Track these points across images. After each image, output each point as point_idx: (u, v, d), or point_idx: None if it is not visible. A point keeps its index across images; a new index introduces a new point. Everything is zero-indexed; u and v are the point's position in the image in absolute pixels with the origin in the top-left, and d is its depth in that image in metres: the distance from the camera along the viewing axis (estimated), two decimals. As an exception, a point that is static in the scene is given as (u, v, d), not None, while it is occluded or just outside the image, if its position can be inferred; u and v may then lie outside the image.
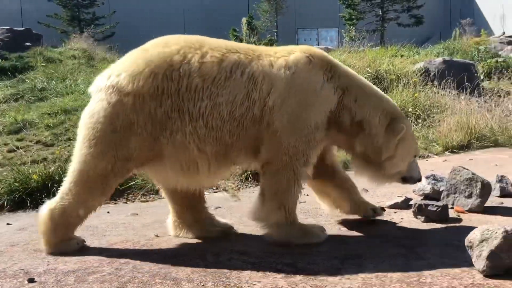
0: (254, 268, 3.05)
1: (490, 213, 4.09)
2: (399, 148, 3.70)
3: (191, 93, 3.36)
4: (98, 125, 3.35)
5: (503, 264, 2.76)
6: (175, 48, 3.45)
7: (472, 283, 2.70)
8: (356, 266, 3.02)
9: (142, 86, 3.33)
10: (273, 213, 3.52)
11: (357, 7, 30.34)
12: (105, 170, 3.38)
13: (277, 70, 3.49)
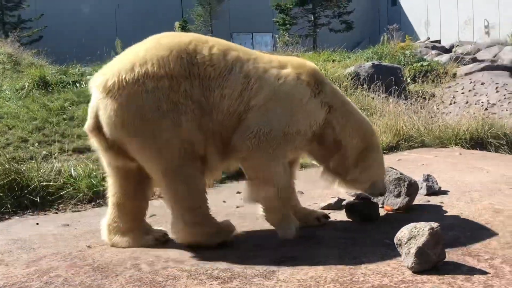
0: (190, 276, 3.01)
1: (418, 211, 4.27)
2: (363, 174, 3.92)
3: (207, 81, 3.47)
4: (147, 116, 3.34)
5: (430, 260, 2.88)
6: (187, 39, 3.57)
7: (401, 279, 2.79)
8: (291, 268, 3.05)
9: (173, 68, 3.39)
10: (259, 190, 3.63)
11: (290, 12, 30.86)
12: (182, 155, 3.38)
13: (268, 77, 3.61)
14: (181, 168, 3.42)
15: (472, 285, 2.66)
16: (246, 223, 4.22)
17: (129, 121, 3.37)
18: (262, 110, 3.55)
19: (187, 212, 3.48)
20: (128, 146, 3.46)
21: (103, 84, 3.41)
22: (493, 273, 2.82)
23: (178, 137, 3.39)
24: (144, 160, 3.51)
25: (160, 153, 3.41)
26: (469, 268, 2.91)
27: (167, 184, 3.48)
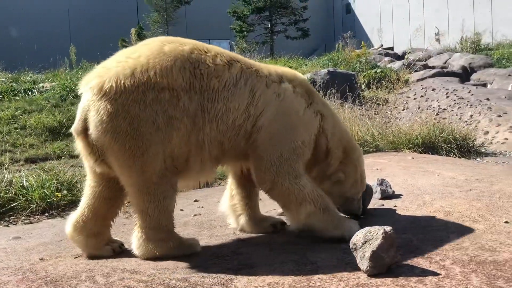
0: (147, 286, 2.97)
1: (373, 215, 4.35)
2: (336, 188, 3.99)
3: (210, 93, 3.43)
4: (142, 129, 3.25)
5: (384, 263, 2.94)
6: (189, 48, 3.48)
7: (357, 283, 2.84)
8: (249, 276, 3.05)
9: (175, 80, 3.32)
10: (299, 212, 3.64)
11: (247, 19, 31.04)
12: (163, 169, 3.36)
13: (271, 93, 3.66)
14: (157, 186, 3.37)
15: (424, 286, 2.74)
16: (203, 232, 4.20)
17: (121, 129, 3.24)
18: (268, 135, 3.59)
19: (153, 229, 3.44)
20: (110, 154, 3.33)
21: (99, 86, 3.26)
22: (444, 274, 2.91)
23: (163, 152, 3.34)
24: (123, 171, 3.38)
25: (143, 167, 3.32)
26: (422, 270, 3.00)
27: (139, 200, 3.41)
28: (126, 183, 3.44)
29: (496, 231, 3.71)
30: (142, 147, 3.27)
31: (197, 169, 3.56)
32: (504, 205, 4.47)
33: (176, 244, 3.52)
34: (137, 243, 3.50)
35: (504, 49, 19.43)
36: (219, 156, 3.64)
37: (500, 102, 12.34)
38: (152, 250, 3.46)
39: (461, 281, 2.79)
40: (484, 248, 3.35)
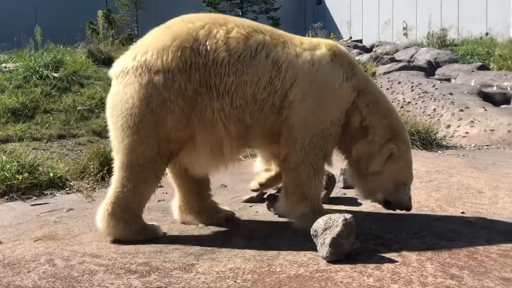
0: (108, 270, 2.95)
1: (335, 203, 4.42)
2: (388, 167, 3.68)
3: (217, 68, 3.35)
4: (135, 110, 3.30)
5: (343, 249, 3.01)
6: (200, 24, 3.44)
7: (316, 269, 2.90)
8: (210, 261, 3.07)
9: (171, 61, 3.31)
10: (298, 207, 3.60)
11: (218, 6, 30.80)
12: (153, 155, 3.35)
13: (302, 63, 3.50)
14: (141, 169, 3.38)
15: (381, 273, 2.81)
16: (166, 217, 4.19)
17: (117, 107, 3.37)
18: (303, 112, 3.47)
19: (121, 208, 3.43)
20: (110, 129, 3.50)
21: (114, 71, 3.50)
22: (401, 261, 2.99)
23: (157, 135, 3.34)
24: (114, 145, 3.48)
25: (132, 147, 3.35)
26: (380, 257, 3.07)
27: (119, 176, 3.43)
28: (114, 156, 3.50)
29: (453, 221, 3.83)
30: (133, 127, 3.32)
31: (209, 149, 3.48)
32: (461, 196, 4.61)
33: (138, 228, 3.50)
34: (101, 215, 3.48)
35: (469, 45, 19.86)
36: (243, 135, 3.53)
37: (463, 97, 12.64)
38: (113, 228, 3.44)
39: (416, 268, 2.87)
40: (441, 237, 3.45)
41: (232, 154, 3.62)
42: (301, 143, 3.52)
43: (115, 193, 3.44)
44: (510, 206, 4.29)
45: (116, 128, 3.40)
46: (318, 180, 3.63)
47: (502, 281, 2.66)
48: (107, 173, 5.85)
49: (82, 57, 10.65)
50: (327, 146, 3.61)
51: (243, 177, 5.92)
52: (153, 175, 3.43)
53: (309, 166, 3.56)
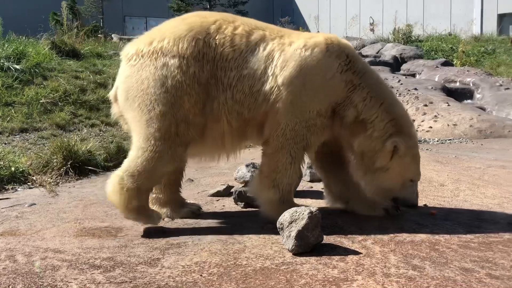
0: (71, 265, 2.90)
1: (301, 197, 4.46)
2: (395, 163, 3.62)
3: (223, 62, 3.50)
4: (150, 89, 3.43)
5: (309, 242, 3.03)
6: (212, 19, 3.61)
7: (282, 262, 2.91)
8: (176, 255, 3.05)
9: (186, 49, 3.46)
10: (267, 191, 3.60)
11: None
12: (170, 132, 3.42)
13: (294, 49, 3.52)
14: (157, 142, 3.42)
15: (346, 264, 2.85)
16: (132, 211, 4.14)
17: (132, 88, 3.48)
18: (289, 96, 3.46)
19: (129, 176, 3.43)
20: (126, 112, 3.58)
21: (125, 54, 3.63)
22: (365, 253, 3.04)
23: (174, 115, 3.43)
24: (133, 126, 3.54)
25: (148, 121, 3.43)
26: (344, 249, 3.12)
27: (135, 147, 3.49)
28: (133, 135, 3.55)
29: (415, 213, 3.91)
30: (149, 105, 3.42)
31: (214, 141, 3.60)
32: (424, 189, 4.71)
33: (136, 206, 3.49)
34: (112, 179, 3.51)
35: (433, 41, 20.26)
36: (243, 129, 3.59)
37: (427, 92, 12.90)
38: (116, 194, 3.46)
39: (380, 259, 2.92)
40: (403, 229, 3.52)
41: (233, 146, 3.75)
42: (283, 128, 3.52)
43: (129, 162, 3.50)
44: (471, 199, 4.41)
45: (133, 109, 3.49)
46: (294, 169, 3.63)
47: (462, 271, 2.73)
48: (71, 167, 5.76)
49: (45, 49, 10.37)
50: (310, 137, 3.59)
51: (210, 171, 5.91)
52: (169, 154, 3.46)
53: (287, 154, 3.57)
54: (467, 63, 16.48)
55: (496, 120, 10.83)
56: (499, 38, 20.60)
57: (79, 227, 3.73)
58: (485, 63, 16.21)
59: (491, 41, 19.19)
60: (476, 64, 16.36)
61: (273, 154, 3.58)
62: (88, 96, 8.83)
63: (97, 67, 10.40)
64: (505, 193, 4.56)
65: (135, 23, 35.16)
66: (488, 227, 3.56)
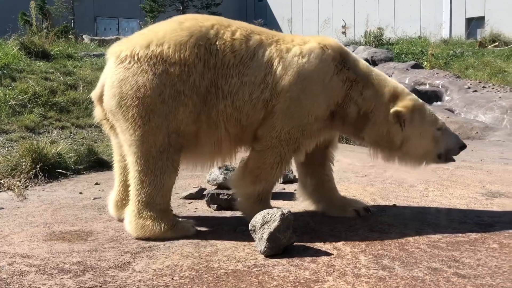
0: (39, 271, 2.85)
1: (274, 198, 4.44)
2: (409, 129, 3.61)
3: (224, 69, 3.42)
4: (147, 99, 3.28)
5: (280, 244, 3.05)
6: (209, 24, 3.50)
7: (254, 264, 2.92)
8: (147, 258, 3.03)
9: (188, 56, 3.34)
10: (247, 185, 3.59)
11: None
12: (165, 144, 3.33)
13: (291, 57, 3.49)
14: (155, 160, 3.34)
15: (317, 265, 2.87)
16: (102, 215, 4.10)
17: (127, 95, 3.31)
18: (287, 101, 3.46)
19: (146, 205, 3.37)
20: (116, 119, 3.42)
21: (116, 54, 3.42)
22: (336, 254, 3.07)
23: (168, 126, 3.32)
24: (125, 139, 3.40)
25: (143, 137, 3.32)
26: (316, 250, 3.14)
27: (135, 171, 3.38)
28: (127, 152, 3.44)
29: (385, 214, 3.97)
30: (144, 117, 3.29)
31: (210, 148, 3.53)
32: (394, 190, 4.79)
33: (169, 225, 3.41)
34: (129, 218, 3.42)
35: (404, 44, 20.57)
36: (240, 135, 3.56)
37: (398, 94, 13.10)
38: (142, 228, 3.37)
39: (351, 260, 2.96)
40: (374, 229, 3.57)
41: (230, 152, 3.70)
42: (279, 131, 3.52)
43: (136, 191, 3.39)
44: (440, 199, 4.50)
45: (126, 120, 3.35)
46: (279, 171, 3.65)
47: (430, 271, 2.78)
48: (40, 170, 5.66)
49: (14, 50, 10.15)
50: (303, 140, 3.60)
51: (183, 174, 5.87)
52: (169, 165, 3.39)
53: (277, 154, 3.57)
54: (437, 66, 16.78)
55: (464, 122, 11.06)
56: (467, 41, 21.06)
57: (48, 231, 3.67)
58: (454, 66, 16.53)
59: (459, 44, 19.59)
60: (445, 66, 16.67)
61: (262, 151, 3.58)
62: (58, 98, 8.67)
63: (68, 69, 10.23)
64: (472, 194, 4.67)
65: (106, 23, 34.77)
66: (456, 227, 3.64)
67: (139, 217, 3.38)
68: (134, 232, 3.40)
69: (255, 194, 3.63)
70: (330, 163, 4.03)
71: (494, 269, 2.81)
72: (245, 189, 3.67)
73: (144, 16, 29.53)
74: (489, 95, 12.99)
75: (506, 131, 10.75)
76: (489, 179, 5.38)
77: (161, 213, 3.42)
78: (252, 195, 3.63)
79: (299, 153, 3.70)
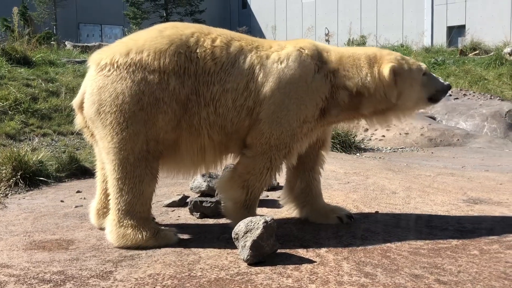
0: (19, 280, 2.81)
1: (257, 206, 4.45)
2: (400, 83, 3.66)
3: (205, 76, 3.41)
4: (125, 106, 3.28)
5: (264, 251, 3.05)
6: (189, 32, 3.50)
7: (237, 272, 2.91)
8: (129, 267, 3.00)
9: (167, 64, 3.35)
10: (235, 189, 3.56)
11: (141, 6, 30.27)
12: (143, 151, 3.32)
13: (271, 63, 3.49)
14: (133, 168, 3.32)
15: (300, 273, 2.88)
16: (84, 224, 4.05)
17: (105, 103, 3.31)
18: (272, 107, 3.45)
19: (126, 214, 3.34)
20: (95, 127, 3.42)
21: (97, 62, 3.43)
22: (319, 261, 3.08)
23: (146, 133, 3.31)
24: (103, 146, 3.38)
25: (121, 144, 3.30)
26: (299, 258, 3.14)
27: (114, 180, 3.35)
28: (105, 160, 3.42)
29: (368, 221, 3.99)
30: (122, 124, 3.29)
31: (192, 155, 3.50)
32: (376, 197, 4.82)
33: (151, 234, 3.38)
34: (109, 227, 3.39)
35: (386, 52, 20.84)
36: (225, 142, 3.54)
37: (380, 101, 13.24)
38: (123, 238, 3.34)
39: (333, 267, 2.97)
40: (356, 236, 3.59)
41: (214, 160, 3.67)
42: (268, 137, 3.51)
43: (115, 200, 3.36)
44: (421, 206, 4.53)
45: (104, 127, 3.34)
46: (269, 177, 3.63)
47: (412, 278, 2.80)
48: (21, 178, 5.58)
49: (-6, 56, 10.06)
50: (293, 144, 3.59)
51: (166, 181, 5.84)
52: (148, 172, 3.37)
53: (267, 159, 3.56)
54: (418, 74, 16.98)
55: (445, 129, 11.21)
56: (448, 49, 21.37)
57: (29, 240, 3.62)
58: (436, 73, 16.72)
59: (441, 53, 19.86)
60: (426, 74, 16.88)
61: (253, 157, 3.57)
62: (39, 105, 8.59)
63: (50, 75, 10.14)
64: (454, 200, 4.72)
65: (89, 30, 34.57)
66: (437, 233, 3.67)
67: (120, 226, 3.35)
68: (115, 241, 3.37)
69: (242, 199, 3.62)
70: (320, 167, 4.04)
71: (475, 275, 2.84)
72: (233, 193, 3.65)
73: (128, 22, 29.43)
74: (470, 103, 13.19)
75: (487, 138, 10.93)
76: (470, 185, 5.45)
77: (142, 221, 3.40)
78: (239, 200, 3.62)
79: (291, 157, 3.69)
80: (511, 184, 5.55)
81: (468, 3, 25.56)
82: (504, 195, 4.94)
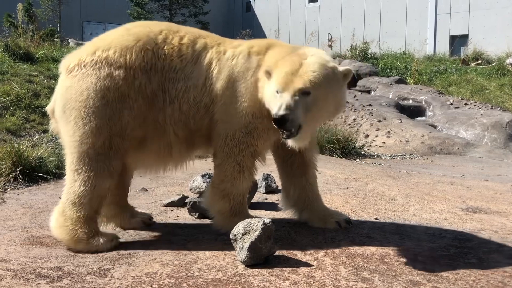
0: (16, 275, 2.81)
1: (256, 208, 4.47)
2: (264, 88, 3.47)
3: (171, 73, 3.43)
4: (89, 101, 3.27)
5: (262, 253, 3.04)
6: (158, 29, 3.52)
7: (234, 273, 2.91)
8: (127, 265, 3.00)
9: (134, 60, 3.35)
10: (217, 202, 3.56)
11: (145, 6, 30.30)
12: (104, 147, 3.28)
13: (225, 59, 3.49)
14: (92, 162, 3.28)
15: (297, 276, 2.87)
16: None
17: (70, 100, 3.31)
18: (223, 106, 3.44)
19: (72, 205, 3.29)
20: (61, 125, 3.41)
21: (66, 65, 3.44)
22: (317, 265, 3.07)
23: (110, 129, 3.29)
24: (66, 141, 3.37)
25: (82, 138, 3.28)
26: (296, 261, 3.14)
27: (70, 171, 3.33)
28: (66, 154, 3.39)
29: (367, 226, 3.99)
30: (85, 118, 3.27)
31: (158, 152, 3.50)
32: (376, 203, 4.82)
33: (84, 235, 3.29)
34: (53, 215, 3.37)
35: (388, 59, 20.86)
36: (190, 138, 3.53)
37: (381, 108, 13.24)
38: (60, 229, 3.30)
39: (331, 272, 2.96)
40: (355, 241, 3.58)
41: (181, 156, 3.64)
42: (224, 138, 3.49)
43: (67, 190, 3.34)
44: (420, 213, 4.53)
45: (67, 123, 3.33)
46: (244, 178, 3.57)
47: (409, 284, 2.80)
48: (20, 173, 5.59)
49: (-2, 51, 10.09)
50: (255, 142, 3.53)
51: (165, 181, 5.86)
52: (105, 168, 3.32)
53: (234, 162, 3.52)
54: (420, 82, 17.03)
55: (446, 138, 11.21)
56: (450, 58, 21.43)
57: (27, 236, 3.62)
58: (437, 82, 16.78)
59: (443, 61, 19.91)
60: (428, 82, 16.92)
61: (221, 164, 3.55)
62: (41, 101, 8.60)
63: (52, 72, 10.15)
64: (452, 208, 4.72)
65: (93, 28, 34.57)
66: (435, 241, 3.67)
67: (62, 215, 3.31)
68: (54, 230, 3.36)
69: (227, 209, 3.59)
70: (313, 170, 3.98)
71: (472, 283, 2.84)
72: (216, 206, 3.64)
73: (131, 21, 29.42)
74: (470, 112, 13.20)
75: (487, 148, 10.93)
76: (469, 194, 5.45)
77: (83, 219, 3.30)
78: (225, 211, 3.60)
79: (259, 155, 3.63)
80: (510, 194, 5.55)
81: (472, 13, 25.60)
82: (503, 205, 4.94)
